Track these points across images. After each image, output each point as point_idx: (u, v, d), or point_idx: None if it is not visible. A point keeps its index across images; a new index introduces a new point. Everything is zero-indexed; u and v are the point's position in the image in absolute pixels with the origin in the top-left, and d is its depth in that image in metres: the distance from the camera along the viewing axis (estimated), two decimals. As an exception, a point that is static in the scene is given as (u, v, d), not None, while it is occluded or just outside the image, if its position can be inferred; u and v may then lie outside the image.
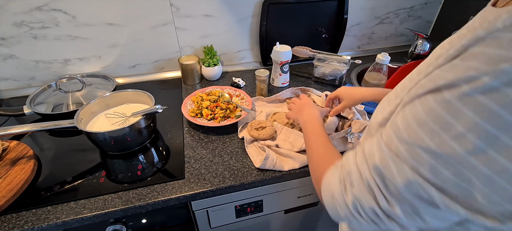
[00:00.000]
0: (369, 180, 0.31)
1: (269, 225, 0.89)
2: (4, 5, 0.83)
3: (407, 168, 0.27)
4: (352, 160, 0.34)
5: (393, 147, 0.29)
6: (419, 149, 0.26)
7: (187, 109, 0.84)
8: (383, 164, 0.29)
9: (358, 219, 0.33)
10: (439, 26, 1.26)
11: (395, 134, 0.29)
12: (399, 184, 0.28)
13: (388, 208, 0.30)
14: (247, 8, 1.03)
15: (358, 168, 0.33)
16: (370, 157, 0.31)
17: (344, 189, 0.34)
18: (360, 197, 0.32)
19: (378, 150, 0.31)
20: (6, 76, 0.96)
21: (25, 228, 0.54)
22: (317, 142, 0.51)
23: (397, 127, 0.29)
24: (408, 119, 0.28)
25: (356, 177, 0.32)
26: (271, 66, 1.05)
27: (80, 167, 0.68)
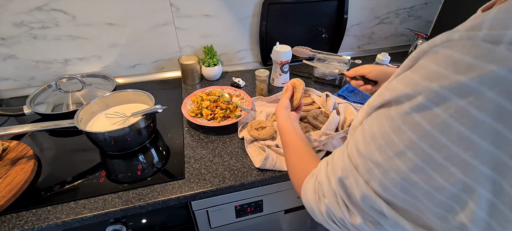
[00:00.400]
0: (335, 192, 0.31)
1: (269, 225, 0.89)
2: (4, 5, 0.83)
3: (362, 181, 0.28)
4: (323, 170, 0.34)
5: (353, 159, 0.29)
6: (371, 163, 0.26)
7: (187, 109, 0.84)
8: (345, 176, 0.30)
9: (333, 226, 0.34)
10: (439, 26, 1.26)
11: (355, 146, 0.29)
12: (357, 196, 0.28)
13: (350, 219, 0.30)
14: (247, 8, 1.03)
15: (328, 179, 0.33)
16: (336, 168, 0.31)
17: (318, 200, 0.34)
18: (331, 207, 0.32)
19: (341, 161, 0.31)
20: (6, 76, 0.96)
21: (25, 228, 0.54)
22: (289, 152, 0.51)
23: (358, 139, 0.29)
24: (365, 131, 0.28)
25: (326, 188, 0.33)
26: (271, 66, 1.05)
27: (80, 167, 0.68)
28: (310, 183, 0.37)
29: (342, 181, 0.30)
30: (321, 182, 0.33)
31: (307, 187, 0.37)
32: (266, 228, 0.89)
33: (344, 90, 0.96)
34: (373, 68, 0.65)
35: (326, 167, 0.34)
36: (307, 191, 0.37)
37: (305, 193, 0.38)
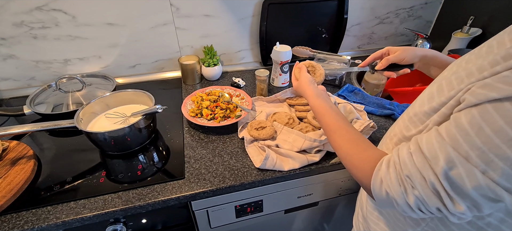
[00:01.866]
0: (434, 184, 0.31)
1: (269, 225, 0.89)
2: (4, 5, 0.83)
3: (478, 172, 0.28)
4: (410, 163, 0.34)
5: (462, 151, 0.29)
6: (493, 155, 0.27)
7: (187, 109, 0.84)
8: (451, 168, 0.30)
9: (418, 213, 0.34)
10: (439, 26, 1.26)
11: (463, 138, 0.29)
12: (468, 187, 0.29)
13: (454, 208, 0.31)
14: (247, 8, 1.03)
15: (420, 172, 0.32)
16: (435, 160, 0.31)
17: (405, 191, 0.34)
18: (424, 198, 0.32)
19: (442, 153, 0.30)
20: (6, 76, 0.96)
21: (25, 228, 0.54)
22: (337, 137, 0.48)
23: (465, 130, 0.28)
24: (480, 123, 0.27)
25: (419, 181, 0.32)
26: (271, 66, 1.05)
27: (80, 167, 0.68)
28: (391, 174, 0.36)
29: (447, 173, 0.30)
30: (410, 175, 0.33)
31: (386, 177, 0.36)
32: (266, 228, 0.89)
33: (344, 90, 0.96)
34: (404, 54, 0.60)
35: (412, 159, 0.33)
36: (387, 181, 0.36)
37: (380, 182, 0.37)
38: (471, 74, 0.30)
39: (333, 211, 0.96)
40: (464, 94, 0.30)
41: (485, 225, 0.34)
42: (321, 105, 0.55)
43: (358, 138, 0.46)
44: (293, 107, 0.89)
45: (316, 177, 0.75)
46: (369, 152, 0.43)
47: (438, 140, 0.31)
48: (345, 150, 0.46)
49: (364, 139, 0.46)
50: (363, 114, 0.82)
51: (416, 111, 0.38)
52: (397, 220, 0.45)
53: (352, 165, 0.44)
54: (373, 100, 0.90)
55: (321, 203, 0.87)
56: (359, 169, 0.42)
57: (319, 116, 0.55)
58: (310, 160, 0.68)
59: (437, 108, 0.34)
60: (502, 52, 0.27)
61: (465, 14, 1.07)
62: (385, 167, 0.37)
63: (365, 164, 0.41)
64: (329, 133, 0.51)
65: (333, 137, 0.49)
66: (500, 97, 0.26)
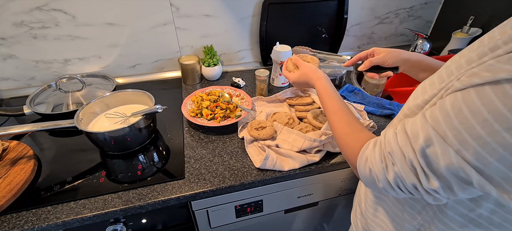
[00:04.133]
0: (412, 160, 0.33)
1: (269, 225, 0.89)
2: (4, 5, 0.83)
3: (452, 151, 0.29)
4: (393, 141, 0.36)
5: (441, 131, 0.30)
6: (467, 135, 0.28)
7: (187, 109, 0.84)
8: (428, 146, 0.31)
9: (397, 191, 0.36)
10: (439, 26, 1.26)
11: (444, 119, 0.30)
12: (442, 164, 0.30)
13: (428, 185, 0.32)
14: (247, 8, 1.03)
15: (401, 149, 0.34)
16: (415, 139, 0.33)
17: (386, 167, 0.36)
18: (402, 175, 0.34)
19: (423, 132, 0.32)
20: (6, 76, 0.96)
21: (25, 228, 0.54)
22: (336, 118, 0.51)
23: (446, 112, 0.30)
24: (460, 106, 0.29)
25: (399, 157, 0.34)
26: (271, 66, 1.05)
27: (80, 167, 0.68)
28: (375, 152, 0.38)
29: (424, 150, 0.31)
30: (392, 152, 0.35)
31: (371, 155, 0.39)
32: (266, 228, 0.89)
33: (344, 90, 0.96)
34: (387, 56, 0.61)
35: (396, 138, 0.35)
36: (371, 159, 0.38)
37: (365, 159, 0.40)
38: (461, 66, 0.31)
39: (333, 211, 0.96)
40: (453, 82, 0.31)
41: (476, 216, 0.35)
42: (326, 88, 0.57)
43: (355, 120, 0.49)
44: (293, 107, 0.89)
45: (316, 177, 0.75)
46: (363, 133, 0.46)
47: (421, 121, 0.33)
48: (341, 129, 0.49)
49: (360, 123, 0.49)
50: (363, 114, 0.82)
51: (410, 105, 0.39)
52: (395, 215, 0.46)
53: (344, 142, 0.47)
54: (373, 100, 0.90)
55: (321, 203, 0.87)
56: (350, 147, 0.45)
57: (324, 97, 0.57)
58: (310, 160, 0.68)
59: (429, 100, 0.35)
60: (491, 44, 0.29)
61: (465, 14, 1.07)
62: (372, 146, 0.40)
63: (356, 142, 0.44)
64: (329, 113, 0.54)
65: (333, 117, 0.52)
66: (482, 82, 0.27)
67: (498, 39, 0.28)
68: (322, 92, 0.58)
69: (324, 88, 0.58)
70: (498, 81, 0.26)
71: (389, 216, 0.48)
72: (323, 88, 0.58)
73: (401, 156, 0.34)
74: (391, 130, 0.37)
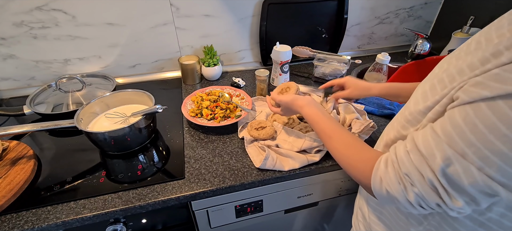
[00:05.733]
0: (432, 181, 0.32)
1: (269, 225, 0.89)
2: (4, 5, 0.83)
3: (474, 169, 0.29)
4: (407, 160, 0.35)
5: (458, 148, 0.29)
6: (488, 151, 0.27)
7: (187, 109, 0.84)
8: (448, 165, 0.30)
9: (419, 209, 0.35)
10: (439, 26, 1.26)
11: (459, 135, 0.29)
12: (465, 183, 0.29)
13: (452, 204, 0.32)
14: (247, 8, 1.03)
15: (417, 169, 0.33)
16: (431, 158, 0.32)
17: (405, 189, 0.35)
18: (424, 195, 0.33)
19: (439, 150, 0.31)
20: (6, 76, 0.96)
21: (25, 228, 0.54)
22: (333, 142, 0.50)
23: (460, 128, 0.29)
24: (474, 121, 0.28)
25: (417, 178, 0.33)
26: (271, 66, 1.05)
27: (80, 167, 0.68)
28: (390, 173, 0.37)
29: (444, 170, 0.31)
30: (409, 173, 0.34)
31: (385, 176, 0.37)
32: (266, 228, 0.89)
33: (344, 90, 0.96)
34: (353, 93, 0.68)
35: (409, 157, 0.34)
36: (387, 180, 0.37)
37: (380, 181, 0.38)
38: (462, 72, 0.31)
39: (333, 211, 0.96)
40: (457, 92, 0.30)
41: (486, 220, 0.35)
42: (314, 113, 0.56)
43: (353, 140, 0.47)
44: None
45: (316, 177, 0.75)
46: (366, 152, 0.44)
47: (434, 137, 0.32)
48: (342, 152, 0.47)
49: (359, 141, 0.47)
50: (363, 114, 0.82)
51: (412, 110, 0.39)
52: (398, 219, 0.46)
53: (350, 166, 0.45)
54: (373, 100, 0.90)
55: (321, 203, 0.87)
56: (357, 169, 0.43)
57: (313, 123, 0.56)
58: (310, 160, 0.68)
59: (431, 106, 0.35)
60: (491, 48, 0.28)
61: (465, 14, 1.07)
62: (384, 166, 0.38)
63: (362, 163, 0.43)
64: (325, 138, 0.52)
65: (330, 142, 0.51)
66: (493, 95, 0.26)
67: (498, 43, 0.27)
68: (310, 118, 0.57)
69: (309, 115, 0.57)
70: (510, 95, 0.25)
71: (394, 221, 0.47)
72: (309, 115, 0.57)
73: (419, 176, 0.33)
74: (401, 147, 0.36)
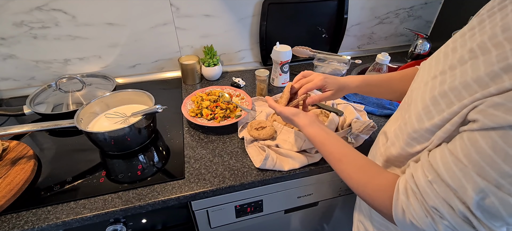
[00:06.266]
0: (465, 213, 0.30)
1: (269, 225, 0.89)
2: (4, 5, 0.83)
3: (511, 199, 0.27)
4: (432, 193, 0.33)
5: (491, 180, 0.28)
6: None
7: (187, 109, 0.84)
8: (482, 198, 0.29)
9: None
10: (439, 26, 1.26)
11: (490, 165, 0.28)
12: (504, 214, 0.28)
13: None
14: (247, 8, 1.03)
15: (447, 202, 0.32)
16: (462, 191, 0.30)
17: (433, 221, 0.33)
18: (456, 227, 0.32)
19: (469, 182, 0.29)
20: (6, 76, 0.96)
21: (25, 228, 0.54)
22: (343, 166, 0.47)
23: (490, 157, 0.28)
24: (505, 149, 0.26)
25: (447, 211, 0.32)
26: (271, 66, 1.05)
27: (80, 167, 0.68)
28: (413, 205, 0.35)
29: (479, 203, 0.29)
30: (437, 207, 0.32)
31: (408, 208, 0.36)
32: (266, 228, 0.89)
33: (344, 90, 0.96)
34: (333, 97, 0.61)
35: (434, 189, 0.33)
36: (411, 212, 0.35)
37: (400, 213, 0.37)
38: (469, 87, 0.30)
39: (333, 211, 0.96)
40: (473, 114, 0.29)
41: None
42: (318, 134, 0.52)
43: (365, 163, 0.45)
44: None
45: (316, 177, 0.75)
46: (381, 178, 0.42)
47: (459, 167, 0.30)
48: (356, 179, 0.44)
49: (371, 163, 0.45)
50: (363, 115, 0.82)
51: (416, 128, 0.37)
52: None
53: (366, 195, 0.43)
54: (373, 100, 0.90)
55: (321, 203, 0.87)
56: (375, 199, 0.41)
57: (318, 145, 0.52)
58: (310, 160, 0.68)
59: (440, 124, 0.33)
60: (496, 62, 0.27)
61: (465, 14, 1.07)
62: (404, 196, 0.36)
63: (380, 193, 0.40)
64: (333, 161, 0.49)
65: (339, 166, 0.47)
66: None
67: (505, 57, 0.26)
68: (313, 139, 0.52)
69: (313, 136, 0.52)
70: None
71: None
72: (313, 136, 0.52)
73: (449, 209, 0.32)
74: (420, 174, 0.35)
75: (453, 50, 0.35)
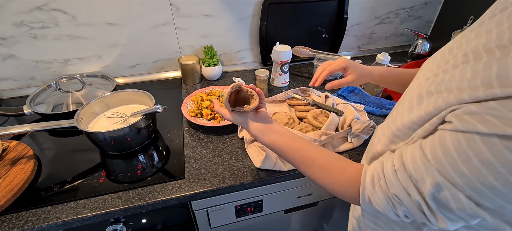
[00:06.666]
0: (420, 203, 0.33)
1: (269, 225, 0.89)
2: (4, 5, 0.83)
3: (463, 197, 0.29)
4: (396, 181, 0.35)
5: (449, 177, 0.30)
6: (480, 184, 0.28)
7: (187, 109, 0.84)
8: (437, 191, 0.31)
9: (407, 220, 0.37)
10: (439, 26, 1.26)
11: (450, 164, 0.29)
12: (454, 208, 0.30)
13: (437, 224, 0.32)
14: (247, 8, 1.03)
15: (406, 190, 0.34)
16: (421, 182, 0.32)
17: (394, 207, 0.36)
18: (411, 213, 0.34)
19: (429, 176, 0.31)
20: (6, 76, 0.96)
21: (25, 228, 0.54)
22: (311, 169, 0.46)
23: (452, 157, 0.29)
24: (467, 153, 0.28)
25: (405, 198, 0.34)
26: (271, 66, 1.05)
27: (80, 167, 0.68)
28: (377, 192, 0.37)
29: (434, 195, 0.31)
30: (397, 194, 0.35)
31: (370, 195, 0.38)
32: (266, 228, 0.89)
33: (344, 90, 0.96)
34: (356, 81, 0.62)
35: (397, 177, 0.35)
36: (373, 201, 0.38)
37: (366, 202, 0.39)
38: (451, 90, 0.30)
39: (332, 211, 0.96)
40: (450, 116, 0.30)
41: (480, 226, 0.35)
42: (272, 141, 0.49)
43: (327, 162, 0.44)
44: (293, 107, 0.89)
45: (316, 177, 0.75)
46: (346, 174, 0.42)
47: (424, 162, 0.32)
48: (322, 180, 0.44)
49: (334, 160, 0.44)
50: (363, 115, 0.82)
51: (399, 126, 0.38)
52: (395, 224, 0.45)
53: (336, 193, 0.44)
54: (373, 100, 0.90)
55: (321, 203, 0.87)
56: (345, 195, 0.43)
57: (279, 152, 0.49)
58: (310, 160, 0.68)
59: (418, 122, 0.34)
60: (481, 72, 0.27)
61: (465, 14, 1.07)
62: (370, 185, 0.38)
63: (348, 188, 0.42)
64: (297, 166, 0.47)
65: (303, 169, 0.46)
66: (489, 133, 0.26)
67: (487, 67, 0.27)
68: (273, 148, 0.49)
69: (271, 143, 0.49)
70: (509, 137, 0.25)
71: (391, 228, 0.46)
72: (270, 144, 0.49)
73: (408, 197, 0.34)
74: (389, 163, 0.36)
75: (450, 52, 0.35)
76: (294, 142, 0.48)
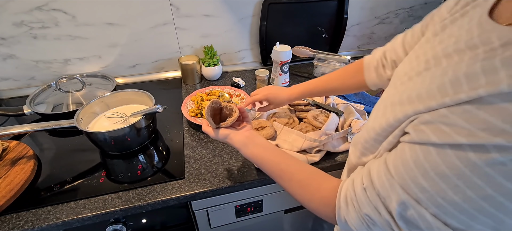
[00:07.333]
0: (389, 222, 0.31)
1: (269, 225, 0.89)
2: (4, 5, 0.83)
3: (429, 215, 0.27)
4: (365, 200, 0.33)
5: (412, 193, 0.28)
6: (441, 199, 0.26)
7: (187, 109, 0.84)
8: (403, 208, 0.29)
9: None
10: (439, 26, 1.26)
11: (411, 179, 0.28)
12: (421, 225, 0.28)
13: None
14: (247, 8, 1.03)
15: (376, 210, 0.32)
16: (387, 200, 0.31)
17: (368, 227, 0.34)
18: None
19: (394, 193, 0.30)
20: (6, 76, 0.96)
21: (25, 228, 0.54)
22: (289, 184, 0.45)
23: (412, 171, 0.28)
24: (424, 165, 0.27)
25: (377, 218, 0.32)
26: (271, 66, 1.05)
27: (80, 167, 0.68)
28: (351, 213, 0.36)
29: (401, 214, 0.30)
30: (369, 214, 0.33)
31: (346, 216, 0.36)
32: (266, 228, 0.89)
33: (344, 90, 0.96)
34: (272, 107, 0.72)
35: (366, 195, 0.33)
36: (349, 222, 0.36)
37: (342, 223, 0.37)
38: (411, 100, 0.29)
39: (333, 211, 0.96)
40: (408, 127, 0.29)
41: None
42: (253, 154, 0.49)
43: (304, 177, 0.43)
44: (293, 107, 0.89)
45: (316, 177, 0.75)
46: (322, 191, 0.41)
47: (388, 177, 0.31)
48: (300, 196, 0.43)
49: (312, 176, 0.43)
50: (363, 115, 0.82)
51: (366, 138, 0.37)
52: None
53: (313, 210, 0.43)
54: (373, 100, 0.90)
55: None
56: (322, 213, 0.41)
57: (258, 165, 0.49)
58: (310, 160, 0.68)
59: (382, 134, 0.33)
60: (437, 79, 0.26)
61: (465, 14, 1.07)
62: (344, 204, 0.37)
63: (325, 207, 0.40)
64: (276, 179, 0.47)
65: (282, 183, 0.46)
66: (442, 143, 0.25)
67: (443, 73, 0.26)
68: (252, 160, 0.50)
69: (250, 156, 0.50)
70: (459, 146, 0.24)
71: None
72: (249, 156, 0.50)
73: (378, 216, 0.32)
74: (359, 182, 0.35)
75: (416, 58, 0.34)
76: (274, 156, 0.47)
